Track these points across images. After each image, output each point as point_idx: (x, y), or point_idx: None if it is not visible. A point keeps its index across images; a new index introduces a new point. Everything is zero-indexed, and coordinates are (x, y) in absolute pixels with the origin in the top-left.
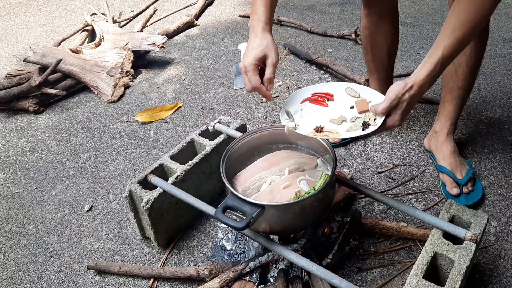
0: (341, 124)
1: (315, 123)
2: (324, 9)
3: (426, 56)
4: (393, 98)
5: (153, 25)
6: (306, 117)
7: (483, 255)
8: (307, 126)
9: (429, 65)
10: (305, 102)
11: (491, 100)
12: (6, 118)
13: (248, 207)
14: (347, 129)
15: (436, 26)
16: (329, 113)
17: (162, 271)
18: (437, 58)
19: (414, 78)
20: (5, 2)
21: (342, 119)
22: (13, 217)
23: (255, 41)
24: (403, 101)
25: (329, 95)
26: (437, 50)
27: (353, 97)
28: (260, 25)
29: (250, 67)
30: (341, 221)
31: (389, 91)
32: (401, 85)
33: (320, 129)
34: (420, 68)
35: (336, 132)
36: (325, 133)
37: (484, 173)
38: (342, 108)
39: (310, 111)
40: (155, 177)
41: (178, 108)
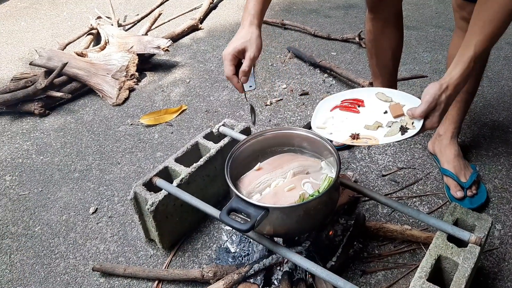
0: (377, 130)
1: (350, 130)
2: (328, 12)
3: (458, 55)
4: (430, 100)
5: (158, 28)
6: (339, 124)
7: (487, 258)
8: (342, 134)
9: (463, 64)
10: (335, 110)
11: (495, 103)
12: (12, 121)
13: (252, 210)
14: (384, 134)
15: (440, 29)
16: (362, 119)
17: (166, 273)
18: (470, 56)
19: (448, 78)
20: (11, 6)
21: (378, 124)
22: (19, 219)
23: (240, 32)
24: (440, 102)
25: (360, 101)
26: (469, 48)
27: (385, 101)
28: (249, 18)
29: (227, 56)
30: (345, 224)
31: (425, 94)
32: (437, 87)
33: (356, 136)
34: (453, 68)
35: (374, 138)
36: (362, 140)
37: (489, 176)
38: (375, 114)
39: (342, 118)
40: (160, 180)
41: (182, 111)
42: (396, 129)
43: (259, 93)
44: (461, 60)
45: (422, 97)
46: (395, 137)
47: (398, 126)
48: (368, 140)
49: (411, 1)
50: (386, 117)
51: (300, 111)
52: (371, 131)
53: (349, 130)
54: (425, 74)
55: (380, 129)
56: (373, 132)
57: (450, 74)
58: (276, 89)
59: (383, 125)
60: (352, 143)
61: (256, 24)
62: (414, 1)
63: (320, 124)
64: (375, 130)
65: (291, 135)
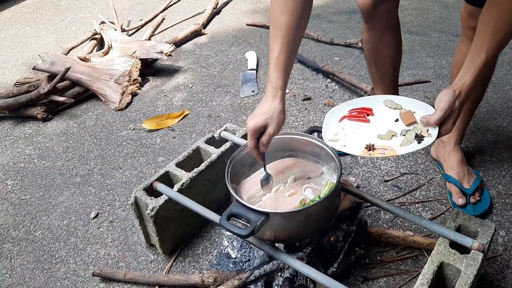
0: (391, 139)
1: (363, 140)
2: (331, 17)
3: (468, 60)
4: (446, 107)
5: (161, 33)
6: (350, 135)
7: (490, 265)
8: (355, 145)
9: (474, 70)
10: (344, 120)
11: (499, 108)
12: (15, 125)
13: (252, 215)
14: (400, 144)
15: (443, 34)
16: (374, 128)
17: (167, 279)
18: (481, 62)
19: (460, 84)
20: (16, 12)
21: (392, 133)
22: (20, 224)
23: (263, 107)
24: (455, 109)
25: (368, 109)
26: (480, 54)
27: (394, 109)
28: (272, 92)
29: (250, 131)
30: (347, 230)
31: (440, 101)
32: (450, 93)
33: (372, 147)
34: (464, 74)
35: (391, 149)
36: (379, 151)
37: (492, 182)
38: (387, 122)
39: (353, 128)
40: (161, 185)
41: (184, 116)
42: (412, 138)
43: (262, 98)
44: (472, 66)
45: (437, 104)
46: (412, 147)
47: (412, 134)
48: (385, 151)
49: (415, 6)
50: (398, 125)
51: (303, 116)
52: (385, 140)
53: (363, 141)
54: (428, 79)
55: (394, 138)
56: (388, 142)
57: (462, 80)
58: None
59: (397, 134)
60: (369, 155)
61: (279, 97)
62: (417, 6)
63: (332, 136)
64: (390, 139)
65: (292, 140)
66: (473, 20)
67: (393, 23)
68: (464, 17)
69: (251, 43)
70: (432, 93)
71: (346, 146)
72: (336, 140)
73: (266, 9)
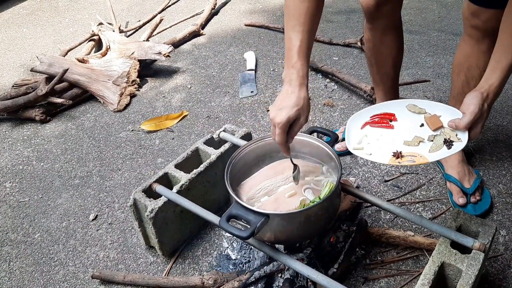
0: (419, 145)
1: (389, 148)
2: (330, 17)
3: (493, 61)
4: (476, 111)
5: (159, 34)
6: (375, 142)
7: (492, 265)
8: (382, 153)
9: (501, 71)
10: (366, 127)
11: (499, 107)
12: (13, 127)
13: (252, 216)
14: (428, 150)
15: (443, 33)
16: (399, 134)
17: (166, 281)
18: (508, 63)
19: (487, 86)
20: (13, 13)
21: (419, 139)
22: (19, 226)
23: (291, 98)
24: (484, 111)
25: (391, 115)
26: (506, 55)
27: (418, 114)
28: (299, 80)
29: (281, 126)
30: (347, 230)
31: (469, 104)
32: (478, 96)
33: (399, 155)
34: (490, 75)
35: (420, 156)
36: (407, 158)
37: (493, 181)
38: (412, 128)
39: (377, 135)
40: (160, 186)
41: (183, 117)
42: (440, 143)
43: (261, 98)
44: (498, 67)
45: (465, 108)
46: (443, 152)
47: (441, 139)
48: (414, 158)
49: (414, 6)
50: (424, 130)
51: None
52: (412, 147)
53: (389, 148)
54: (427, 78)
55: (422, 144)
56: (416, 148)
57: (488, 81)
58: (277, 95)
59: (424, 140)
60: (398, 163)
61: (306, 85)
62: (416, 6)
63: (356, 144)
64: (417, 145)
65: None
66: (476, 19)
67: (396, 23)
68: (466, 16)
69: (249, 43)
70: (431, 93)
71: (372, 154)
72: (361, 149)
73: (265, 10)
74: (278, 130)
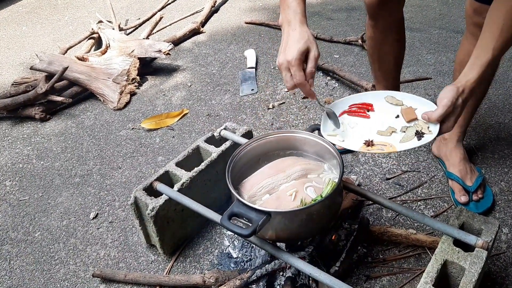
0: (391, 136)
1: (362, 136)
2: (330, 15)
3: (473, 57)
4: (449, 104)
5: (159, 32)
6: (350, 130)
7: (494, 263)
8: (354, 141)
9: (479, 67)
10: (344, 115)
11: (501, 105)
12: (13, 125)
13: (254, 214)
14: (399, 140)
15: (444, 31)
16: (373, 124)
17: (167, 279)
18: (487, 60)
19: (464, 81)
20: (13, 11)
21: (392, 130)
22: (19, 225)
23: (294, 34)
24: (457, 106)
25: (369, 105)
26: (486, 51)
27: (395, 105)
28: (297, 18)
29: (295, 61)
30: (349, 228)
31: (442, 98)
32: (454, 90)
33: (370, 143)
34: (469, 71)
35: (390, 145)
36: (377, 147)
37: (495, 179)
38: (387, 118)
39: (352, 124)
40: (161, 184)
41: (184, 115)
42: (412, 134)
43: (261, 96)
44: (477, 64)
45: (439, 101)
46: (412, 143)
47: (413, 130)
48: (384, 147)
49: (414, 3)
50: (398, 121)
51: (303, 114)
52: (385, 137)
53: (362, 137)
54: (429, 76)
55: (394, 135)
56: (387, 138)
57: (466, 77)
58: (278, 92)
59: (397, 130)
60: (368, 151)
61: (305, 23)
62: (417, 3)
63: (331, 131)
64: (389, 135)
65: (293, 139)
66: (479, 17)
67: (398, 21)
68: (469, 13)
69: (250, 41)
70: (433, 90)
71: (345, 141)
72: (334, 135)
73: (265, 7)
74: (294, 68)
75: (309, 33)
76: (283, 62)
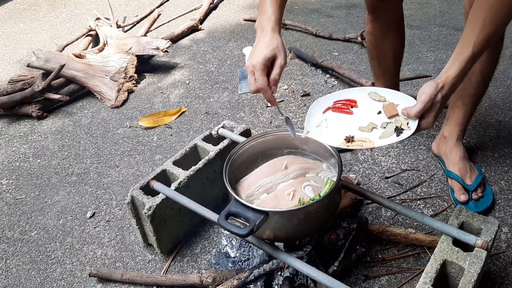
0: (371, 132)
1: (343, 132)
2: (330, 12)
3: (455, 53)
4: (427, 100)
5: (157, 29)
6: (332, 126)
7: (494, 262)
8: (336, 137)
9: (460, 63)
10: (328, 111)
11: (501, 103)
12: (10, 123)
13: (251, 214)
14: (379, 136)
15: (444, 28)
16: (356, 120)
17: (165, 279)
18: (468, 55)
19: (444, 77)
20: (10, 8)
21: (372, 126)
22: (15, 224)
23: (264, 40)
24: (436, 102)
25: (352, 101)
26: (466, 47)
27: (378, 101)
28: (270, 25)
29: (259, 66)
30: (347, 228)
31: (421, 93)
32: (433, 86)
33: (351, 139)
34: (449, 67)
35: (369, 141)
36: (357, 143)
37: (494, 178)
38: (369, 114)
39: (336, 120)
40: (158, 183)
41: (182, 113)
42: (391, 130)
43: (259, 95)
44: (458, 59)
45: (418, 97)
46: (390, 139)
47: (393, 127)
48: (363, 143)
49: (414, 0)
50: (380, 117)
51: (302, 112)
52: (365, 133)
53: (344, 133)
54: (428, 73)
55: (374, 131)
56: (368, 134)
57: (446, 73)
58: (277, 90)
59: (377, 126)
60: (347, 146)
61: (278, 31)
62: (417, 0)
63: (313, 128)
64: (370, 132)
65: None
66: None
67: (397, 16)
68: (467, 10)
69: (248, 38)
70: None
71: (326, 137)
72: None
73: None
74: (257, 72)
75: (279, 40)
76: (249, 65)
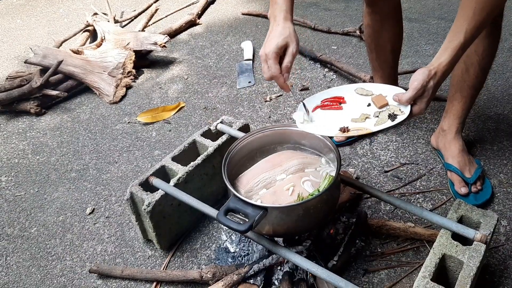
0: (365, 121)
1: (337, 125)
2: (328, 5)
3: (446, 41)
4: (418, 87)
5: (155, 24)
6: (325, 121)
7: (493, 256)
8: (330, 130)
9: (451, 50)
10: (317, 110)
11: (500, 96)
12: (8, 120)
13: (250, 209)
14: (374, 124)
15: (443, 21)
16: (347, 114)
17: (165, 275)
18: (459, 43)
19: (436, 64)
20: (7, 4)
21: (365, 116)
22: (15, 221)
23: (277, 29)
24: (428, 89)
25: (340, 98)
26: (458, 34)
27: (366, 95)
28: (282, 14)
29: (272, 55)
30: (346, 222)
31: (413, 80)
32: (425, 73)
33: (346, 129)
34: (441, 54)
35: (365, 129)
36: (353, 131)
37: (493, 171)
38: (359, 107)
39: (326, 117)
40: (157, 179)
41: (180, 108)
42: (385, 117)
43: (259, 89)
44: (449, 47)
45: (410, 83)
46: (386, 124)
47: (386, 114)
48: (359, 131)
49: None
50: (371, 109)
51: None
52: (359, 123)
53: (337, 125)
54: None
55: (368, 120)
56: (362, 123)
57: (438, 60)
58: (275, 85)
59: (370, 116)
60: (344, 135)
61: (290, 20)
62: None
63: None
64: (363, 121)
65: (290, 132)
66: None
67: (395, 8)
68: None
69: (247, 32)
70: None
71: (320, 129)
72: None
73: None
74: (270, 60)
75: (291, 29)
76: (262, 54)
